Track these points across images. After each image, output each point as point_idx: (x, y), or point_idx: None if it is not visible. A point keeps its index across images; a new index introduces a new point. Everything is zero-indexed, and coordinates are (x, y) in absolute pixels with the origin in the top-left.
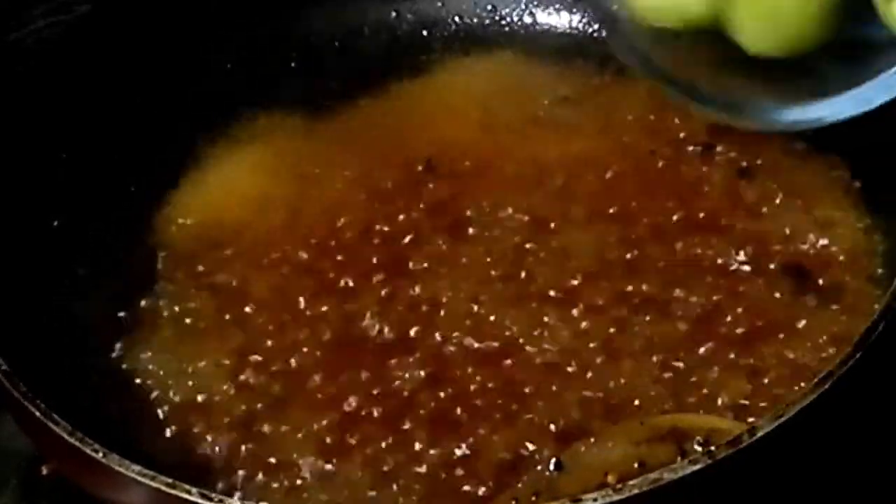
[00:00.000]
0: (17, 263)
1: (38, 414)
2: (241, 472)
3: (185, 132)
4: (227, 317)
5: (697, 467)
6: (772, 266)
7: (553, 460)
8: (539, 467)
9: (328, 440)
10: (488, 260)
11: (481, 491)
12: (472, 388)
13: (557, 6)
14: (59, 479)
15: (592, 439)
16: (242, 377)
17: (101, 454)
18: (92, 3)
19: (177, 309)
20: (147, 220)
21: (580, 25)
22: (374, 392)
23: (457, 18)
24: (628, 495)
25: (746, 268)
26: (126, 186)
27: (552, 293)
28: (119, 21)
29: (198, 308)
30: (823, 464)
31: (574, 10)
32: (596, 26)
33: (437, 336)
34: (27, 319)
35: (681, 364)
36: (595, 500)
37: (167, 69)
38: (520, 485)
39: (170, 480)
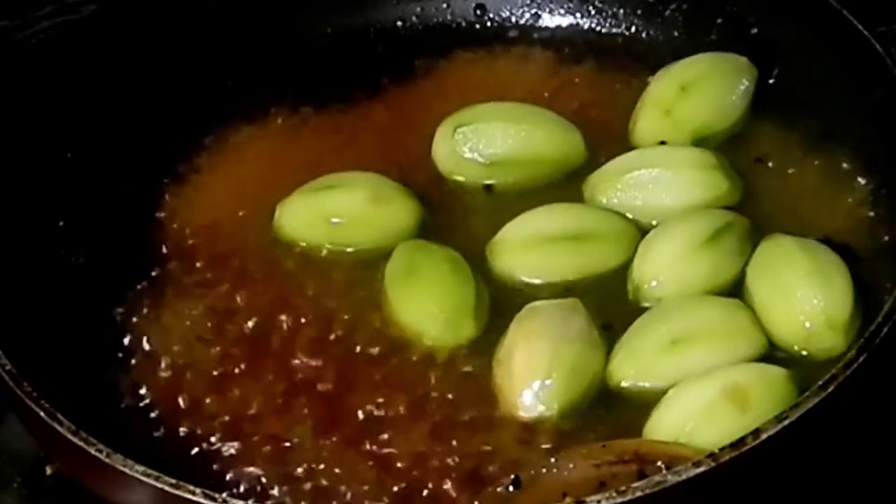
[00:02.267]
0: (22, 264)
1: (42, 414)
2: (245, 472)
3: (190, 132)
4: (230, 316)
5: (701, 470)
6: None
7: (511, 477)
8: (498, 487)
9: (330, 443)
10: None
11: None
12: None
13: (562, 9)
14: (63, 479)
15: (553, 459)
16: (247, 376)
17: (104, 454)
18: (98, 3)
19: (181, 309)
20: (152, 220)
21: (585, 28)
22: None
23: (461, 21)
24: (631, 497)
25: None
26: (131, 186)
27: None
28: (124, 22)
29: (201, 307)
30: (827, 467)
31: (578, 13)
32: (599, 28)
33: None
34: (32, 320)
35: None
36: (598, 501)
37: (171, 70)
38: (476, 502)
39: (174, 481)
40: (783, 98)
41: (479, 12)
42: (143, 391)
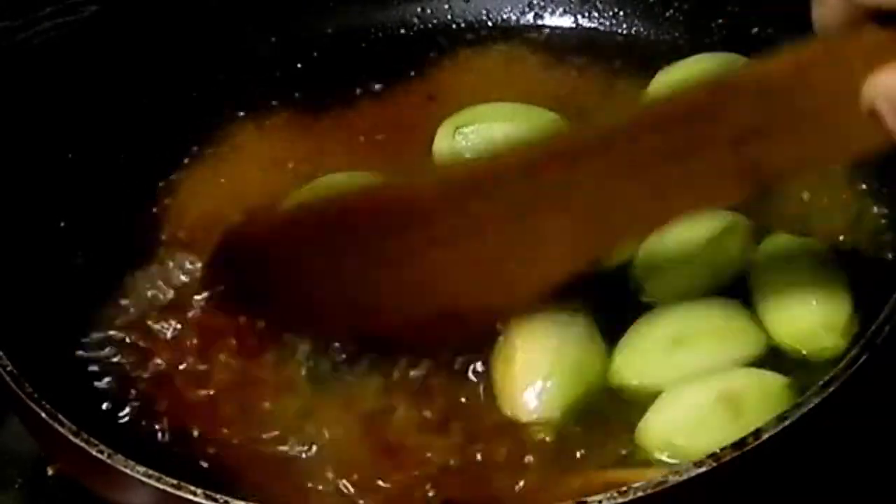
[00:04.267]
0: (23, 265)
1: (43, 415)
2: (247, 472)
3: (190, 132)
4: (232, 317)
5: (702, 470)
6: None
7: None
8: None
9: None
10: None
11: None
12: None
13: (563, 10)
14: (64, 480)
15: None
16: (249, 377)
17: (106, 455)
18: (99, 4)
19: (182, 310)
20: (153, 221)
21: (585, 28)
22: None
23: (461, 21)
24: (633, 497)
25: None
26: (131, 186)
27: None
28: (125, 22)
29: (202, 308)
30: (828, 467)
31: (579, 13)
32: (600, 29)
33: None
34: (33, 321)
35: None
36: (600, 501)
37: (173, 70)
38: None
39: (175, 481)
40: None
41: (479, 13)
42: (144, 392)
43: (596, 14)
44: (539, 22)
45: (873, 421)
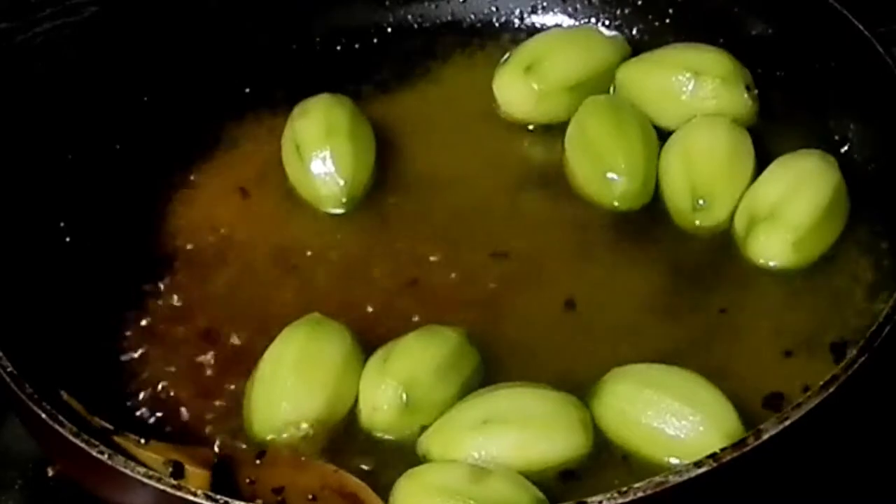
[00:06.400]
0: (23, 265)
1: (43, 416)
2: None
3: (191, 133)
4: (234, 318)
5: (703, 470)
6: None
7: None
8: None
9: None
10: None
11: None
12: None
13: (564, 11)
14: (64, 481)
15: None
16: (245, 380)
17: (106, 455)
18: (99, 4)
19: (182, 311)
20: (153, 222)
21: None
22: None
23: (462, 21)
24: (633, 498)
25: None
26: (132, 187)
27: None
28: (126, 23)
29: (202, 310)
30: (828, 467)
31: (580, 14)
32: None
33: None
34: (33, 321)
35: None
36: (600, 502)
37: (174, 71)
38: None
39: (175, 482)
40: (783, 98)
41: (480, 12)
42: (144, 393)
43: (596, 15)
44: (540, 22)
45: (873, 421)
